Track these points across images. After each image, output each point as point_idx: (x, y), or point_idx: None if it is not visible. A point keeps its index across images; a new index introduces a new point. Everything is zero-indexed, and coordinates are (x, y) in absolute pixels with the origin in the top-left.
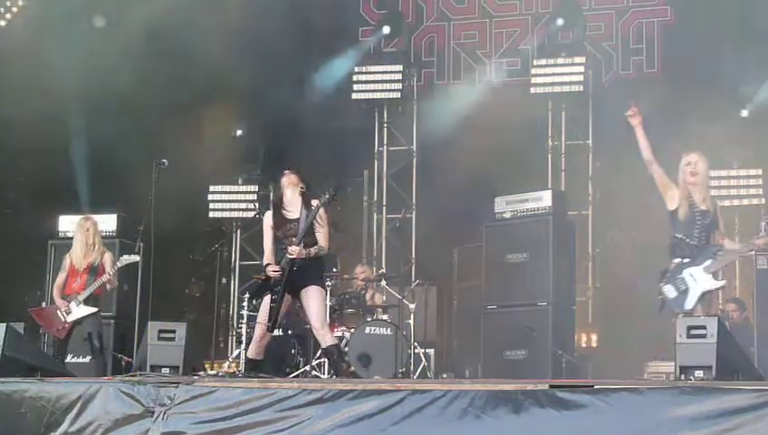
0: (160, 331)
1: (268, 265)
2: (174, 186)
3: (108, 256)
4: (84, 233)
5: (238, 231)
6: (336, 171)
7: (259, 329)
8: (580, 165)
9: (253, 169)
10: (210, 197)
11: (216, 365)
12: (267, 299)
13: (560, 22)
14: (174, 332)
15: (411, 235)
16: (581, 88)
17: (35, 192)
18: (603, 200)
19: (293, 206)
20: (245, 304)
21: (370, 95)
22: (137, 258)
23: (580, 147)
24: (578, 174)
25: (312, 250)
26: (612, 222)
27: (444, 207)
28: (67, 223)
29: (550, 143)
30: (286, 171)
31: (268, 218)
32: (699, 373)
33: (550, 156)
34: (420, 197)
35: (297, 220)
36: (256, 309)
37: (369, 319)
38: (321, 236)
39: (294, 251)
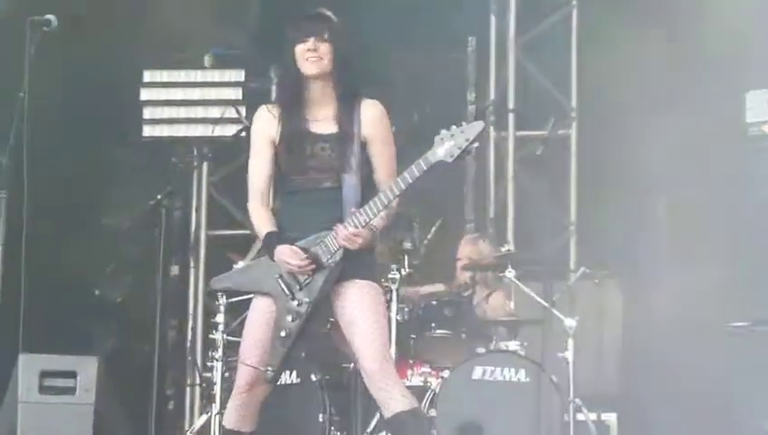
0: (45, 374)
1: (270, 238)
2: (71, 71)
3: None
4: None
5: (203, 168)
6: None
7: (246, 374)
8: None
9: (235, 36)
10: (145, 95)
11: None
12: (261, 309)
13: None
14: (73, 376)
15: (569, 171)
16: None
17: None
18: None
19: (324, 110)
20: (219, 317)
21: None
22: None
23: None
24: None
25: (382, 220)
26: None
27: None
28: None
29: None
30: (308, 40)
31: (264, 125)
32: None
33: None
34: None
35: (336, 139)
36: (240, 331)
37: (480, 350)
38: (382, 171)
39: (350, 234)
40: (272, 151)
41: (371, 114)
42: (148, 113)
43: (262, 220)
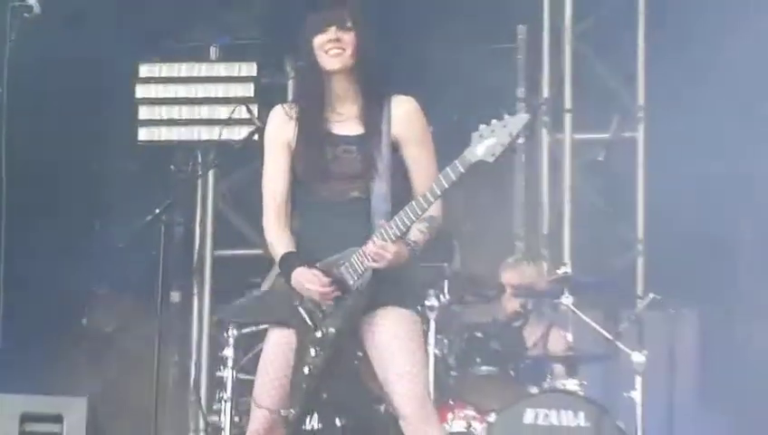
0: (26, 417)
1: (287, 259)
2: (54, 64)
3: None
4: None
5: (208, 177)
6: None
7: (261, 418)
8: None
9: (246, 23)
10: (141, 92)
11: None
12: (279, 341)
13: None
14: (59, 420)
15: (636, 180)
16: None
17: None
18: None
19: (348, 108)
20: (228, 351)
21: None
22: None
23: None
24: None
25: (422, 234)
26: None
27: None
28: None
29: None
30: (328, 29)
31: (280, 127)
32: None
33: None
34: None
35: (362, 141)
36: (253, 367)
37: (533, 390)
38: (418, 177)
39: (379, 250)
40: (288, 157)
41: (403, 111)
42: (144, 113)
43: (278, 239)
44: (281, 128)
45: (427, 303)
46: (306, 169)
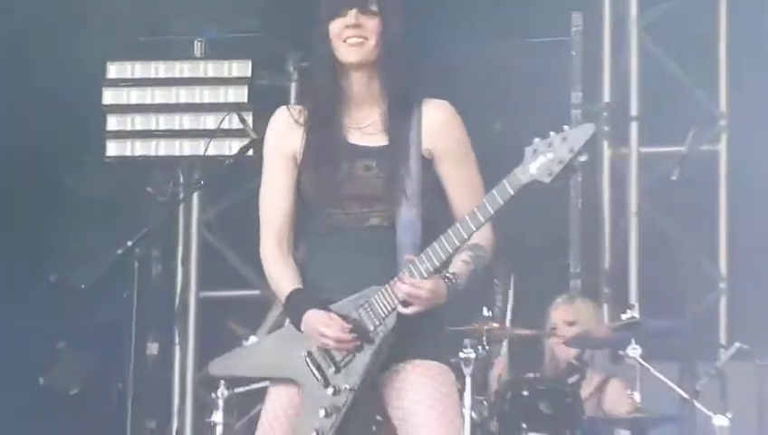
0: None
1: (294, 298)
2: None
3: None
4: None
5: (192, 201)
6: None
7: None
8: None
9: (238, 12)
10: (109, 97)
11: None
12: (281, 401)
13: None
14: None
15: (717, 203)
16: None
17: None
18: None
19: (370, 113)
20: (217, 416)
21: None
22: None
23: None
24: None
25: (465, 265)
26: None
27: None
28: None
29: None
30: (347, 12)
31: (283, 136)
32: None
33: None
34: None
35: (386, 155)
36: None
37: None
38: (458, 198)
39: (411, 289)
40: (294, 173)
41: (438, 118)
42: (113, 123)
43: (281, 274)
44: (285, 135)
45: (461, 355)
46: (315, 187)
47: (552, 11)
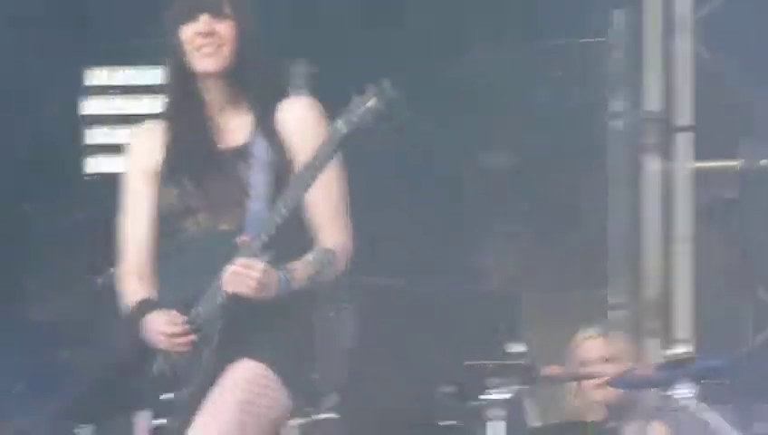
0: None
1: (140, 306)
2: None
3: None
4: None
5: None
6: None
7: None
8: None
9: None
10: (88, 107)
11: None
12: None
13: None
14: None
15: None
16: None
17: None
18: None
19: (229, 119)
20: None
21: None
22: None
23: None
24: None
25: (307, 265)
26: None
27: None
28: None
29: None
30: (198, 18)
31: (142, 152)
32: None
33: None
34: None
35: (244, 153)
36: None
37: None
38: (316, 203)
39: (240, 269)
40: (154, 189)
41: (296, 116)
42: (92, 137)
43: (134, 291)
44: (143, 154)
45: (487, 396)
46: (167, 198)
47: (589, 8)
